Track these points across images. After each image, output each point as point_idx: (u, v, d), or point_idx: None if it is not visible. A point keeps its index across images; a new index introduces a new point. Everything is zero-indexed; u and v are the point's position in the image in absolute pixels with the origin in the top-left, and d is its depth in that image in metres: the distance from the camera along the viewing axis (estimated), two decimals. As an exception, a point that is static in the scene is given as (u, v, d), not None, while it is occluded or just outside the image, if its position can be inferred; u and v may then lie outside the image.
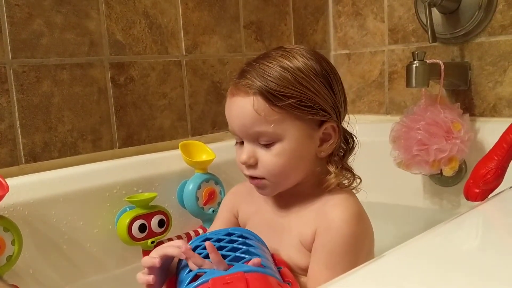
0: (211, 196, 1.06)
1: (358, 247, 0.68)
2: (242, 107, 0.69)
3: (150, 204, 0.98)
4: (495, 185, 0.75)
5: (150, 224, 0.97)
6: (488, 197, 0.75)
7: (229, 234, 0.67)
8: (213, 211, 1.06)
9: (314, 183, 0.74)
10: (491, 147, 0.78)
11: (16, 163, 0.97)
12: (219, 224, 0.84)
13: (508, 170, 0.75)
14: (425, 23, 1.21)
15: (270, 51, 0.73)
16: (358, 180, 0.74)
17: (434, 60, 1.14)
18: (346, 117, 0.77)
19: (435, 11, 1.22)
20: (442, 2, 1.17)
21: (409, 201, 1.28)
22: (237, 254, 0.62)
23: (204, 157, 1.09)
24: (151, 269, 0.65)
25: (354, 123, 0.77)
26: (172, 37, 1.20)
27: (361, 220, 0.69)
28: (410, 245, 0.58)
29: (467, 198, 0.76)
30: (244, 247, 0.63)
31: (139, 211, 0.97)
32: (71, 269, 0.93)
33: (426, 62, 1.11)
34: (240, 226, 0.82)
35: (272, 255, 0.70)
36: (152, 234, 0.98)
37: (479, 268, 0.51)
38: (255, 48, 1.36)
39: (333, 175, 0.72)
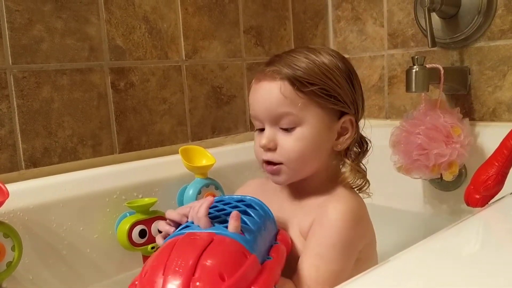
0: (211, 201, 1.06)
1: (349, 245, 0.68)
2: (269, 90, 0.71)
3: (150, 209, 0.98)
4: (495, 191, 0.74)
5: (150, 230, 0.97)
6: (489, 203, 0.75)
7: (241, 201, 0.70)
8: (213, 216, 1.06)
9: (326, 177, 0.75)
10: (491, 151, 0.78)
11: (16, 168, 0.97)
12: None
13: (508, 176, 0.75)
14: (424, 28, 1.21)
15: (296, 48, 0.78)
16: (367, 184, 0.76)
17: (434, 65, 1.14)
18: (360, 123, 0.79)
19: (434, 16, 1.22)
20: (441, 7, 1.17)
21: (409, 205, 1.28)
22: (228, 218, 0.64)
23: (204, 162, 1.09)
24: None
25: None
26: (172, 42, 1.20)
27: (358, 218, 0.70)
28: (411, 251, 0.58)
29: (468, 204, 0.76)
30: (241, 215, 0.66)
31: (139, 216, 0.97)
32: (71, 275, 0.93)
33: (425, 66, 1.11)
34: None
35: (279, 231, 0.72)
36: (152, 239, 0.98)
37: (480, 274, 0.51)
38: (255, 53, 1.36)
39: (348, 168, 0.74)
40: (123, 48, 1.11)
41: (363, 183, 0.76)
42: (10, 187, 0.82)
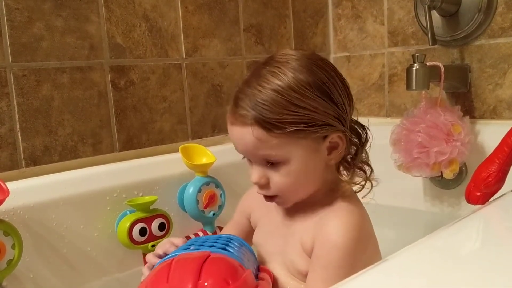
0: (211, 199, 1.06)
1: (354, 261, 0.67)
2: (243, 135, 0.68)
3: (151, 207, 0.98)
4: (496, 189, 0.74)
5: (150, 228, 0.97)
6: (490, 200, 0.75)
7: (220, 237, 0.72)
8: (213, 214, 1.06)
9: (325, 190, 0.73)
10: (491, 149, 0.78)
11: (16, 166, 0.97)
12: (231, 225, 0.88)
13: (509, 173, 0.75)
14: (425, 25, 1.21)
15: (261, 65, 0.70)
16: (370, 185, 0.74)
17: (434, 63, 1.14)
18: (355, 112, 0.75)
19: (434, 13, 1.22)
20: (441, 5, 1.17)
21: (410, 203, 1.28)
22: (213, 244, 0.67)
23: (204, 160, 1.09)
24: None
25: None
26: (172, 41, 1.20)
27: (359, 233, 0.68)
28: (412, 249, 0.57)
29: (469, 202, 0.76)
30: (223, 244, 0.68)
31: (140, 214, 0.97)
32: (71, 273, 0.93)
33: (426, 64, 1.11)
34: (252, 228, 0.85)
35: (259, 266, 0.73)
36: (152, 237, 0.98)
37: (481, 272, 0.51)
38: (255, 51, 1.36)
39: (345, 180, 0.73)
40: (123, 46, 1.11)
41: (365, 186, 0.74)
42: (10, 185, 0.82)
